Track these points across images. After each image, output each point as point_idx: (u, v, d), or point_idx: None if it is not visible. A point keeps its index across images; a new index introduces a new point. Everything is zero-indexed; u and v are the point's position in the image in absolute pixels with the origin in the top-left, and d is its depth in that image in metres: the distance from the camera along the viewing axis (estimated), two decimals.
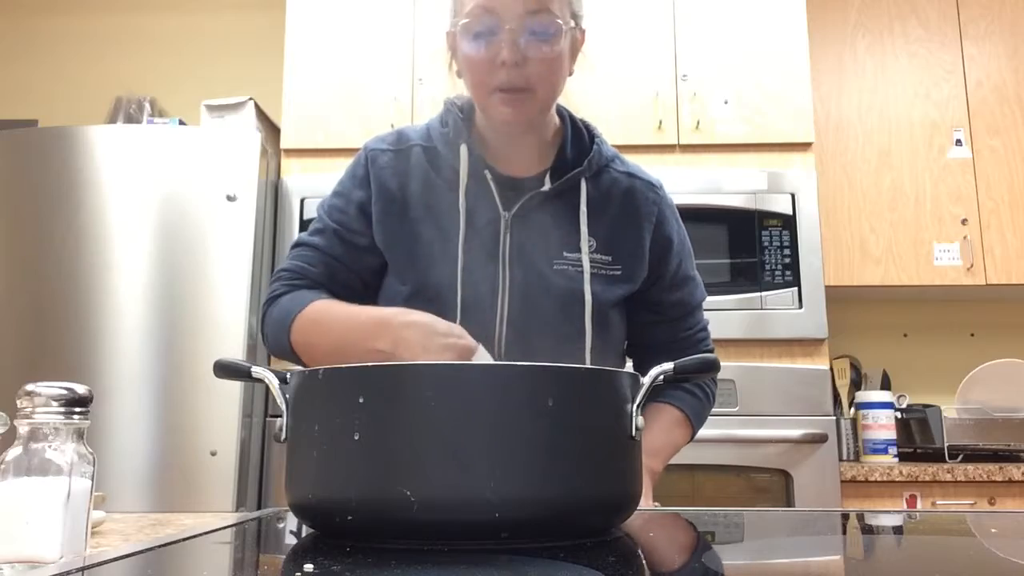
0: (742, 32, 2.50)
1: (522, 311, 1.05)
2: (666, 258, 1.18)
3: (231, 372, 0.69)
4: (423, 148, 1.14)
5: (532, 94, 1.04)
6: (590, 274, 1.08)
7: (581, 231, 1.09)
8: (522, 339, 1.04)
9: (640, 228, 1.14)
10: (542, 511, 0.55)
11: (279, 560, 0.50)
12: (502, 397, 0.55)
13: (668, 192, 1.22)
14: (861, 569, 0.52)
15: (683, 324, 1.25)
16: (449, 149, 1.12)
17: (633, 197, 1.15)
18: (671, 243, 1.18)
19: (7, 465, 0.52)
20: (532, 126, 1.11)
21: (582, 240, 1.08)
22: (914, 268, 2.68)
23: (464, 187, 1.09)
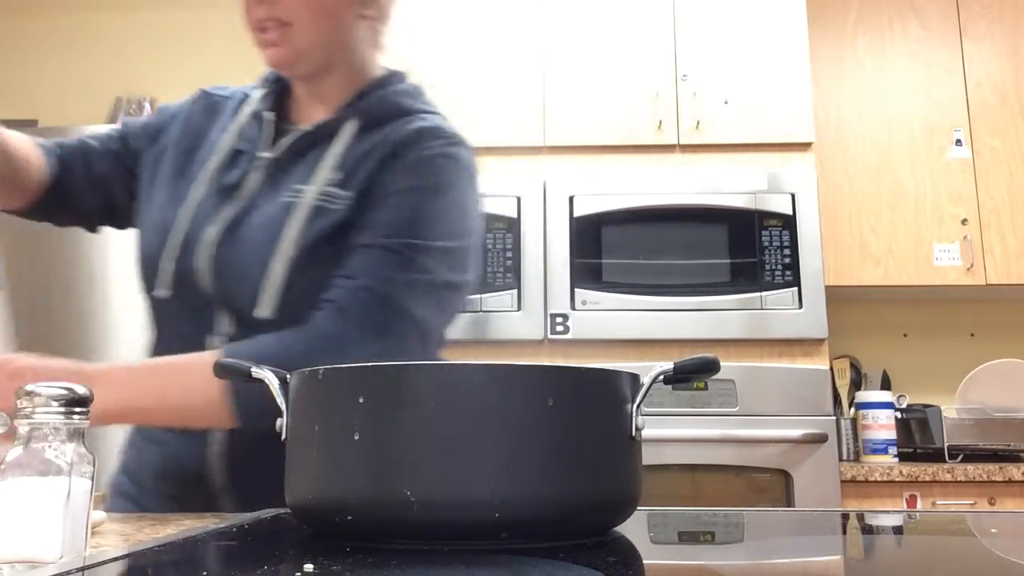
0: (742, 32, 2.50)
1: (228, 242, 0.99)
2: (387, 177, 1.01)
3: (231, 372, 0.69)
4: (240, 96, 1.13)
5: (290, 29, 0.98)
6: (315, 205, 0.98)
7: (322, 164, 1.01)
8: (222, 273, 0.98)
9: (379, 155, 1.02)
10: (542, 511, 0.55)
11: (279, 560, 0.50)
12: (502, 397, 0.55)
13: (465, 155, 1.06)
14: (861, 569, 0.52)
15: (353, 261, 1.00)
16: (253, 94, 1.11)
17: (401, 141, 1.02)
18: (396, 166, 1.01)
19: (7, 465, 0.52)
20: (307, 69, 1.04)
21: (319, 171, 1.00)
22: (914, 268, 2.68)
23: (238, 127, 1.06)
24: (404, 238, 0.97)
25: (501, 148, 2.47)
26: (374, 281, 0.95)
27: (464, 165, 1.05)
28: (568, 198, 2.40)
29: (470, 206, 1.04)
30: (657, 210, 2.39)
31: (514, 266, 2.35)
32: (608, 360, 2.31)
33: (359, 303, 0.94)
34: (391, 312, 0.95)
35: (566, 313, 2.32)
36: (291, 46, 1.00)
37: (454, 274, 1.00)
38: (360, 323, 0.93)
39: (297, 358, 0.87)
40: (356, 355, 0.91)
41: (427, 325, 0.97)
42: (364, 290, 0.94)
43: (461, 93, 2.50)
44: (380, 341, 0.94)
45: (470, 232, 1.04)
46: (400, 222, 0.98)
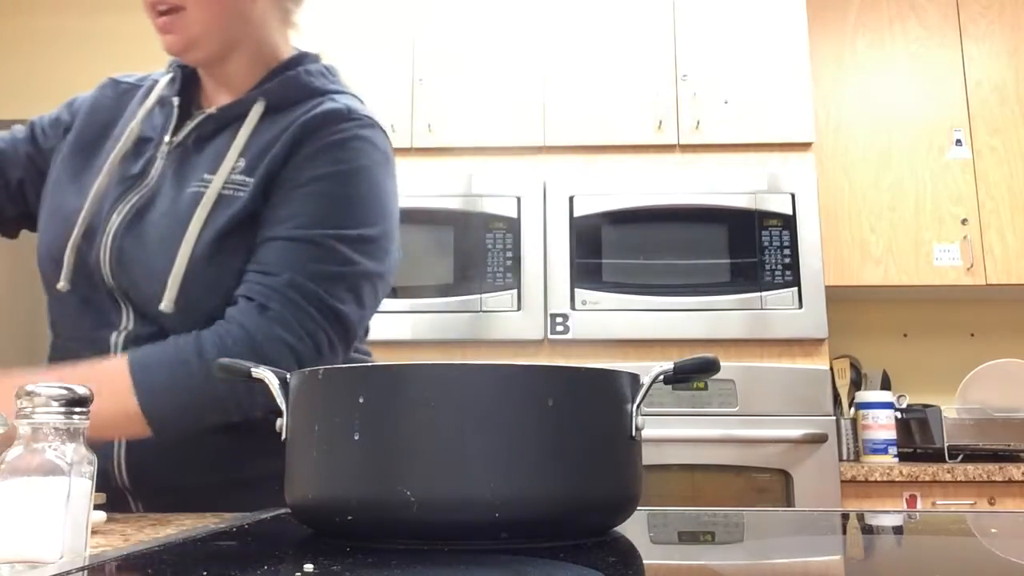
0: (742, 32, 2.50)
1: (132, 233, 0.96)
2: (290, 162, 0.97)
3: (231, 372, 0.69)
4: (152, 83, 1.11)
5: (184, 14, 0.96)
6: (221, 195, 0.95)
7: (230, 150, 0.97)
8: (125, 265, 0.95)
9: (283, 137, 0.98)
10: (542, 511, 0.55)
11: (279, 560, 0.50)
12: (502, 397, 0.55)
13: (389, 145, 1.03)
14: (861, 569, 0.52)
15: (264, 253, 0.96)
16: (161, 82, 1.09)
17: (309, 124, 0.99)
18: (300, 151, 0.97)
19: (7, 465, 0.52)
20: (208, 53, 1.01)
21: (226, 160, 0.97)
22: (914, 268, 2.68)
23: (143, 113, 1.04)
24: (322, 228, 0.94)
25: (501, 148, 2.47)
26: (296, 276, 0.91)
27: (378, 147, 1.01)
28: (568, 198, 2.40)
29: (387, 190, 1.00)
30: (657, 210, 2.39)
31: (514, 266, 2.35)
32: (608, 360, 2.31)
33: (281, 300, 0.90)
34: (315, 309, 0.91)
35: (566, 313, 2.32)
36: (185, 32, 0.98)
37: (375, 263, 0.97)
38: (283, 322, 0.90)
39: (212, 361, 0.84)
40: (276, 356, 0.88)
41: (350, 320, 0.95)
42: (286, 286, 0.91)
43: (461, 93, 2.50)
44: (305, 341, 0.91)
45: (389, 216, 1.00)
46: (316, 212, 0.95)
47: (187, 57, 1.02)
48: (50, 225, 1.02)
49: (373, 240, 0.97)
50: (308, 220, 0.94)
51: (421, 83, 2.51)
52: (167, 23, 0.97)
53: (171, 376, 0.87)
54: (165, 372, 0.88)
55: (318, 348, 0.92)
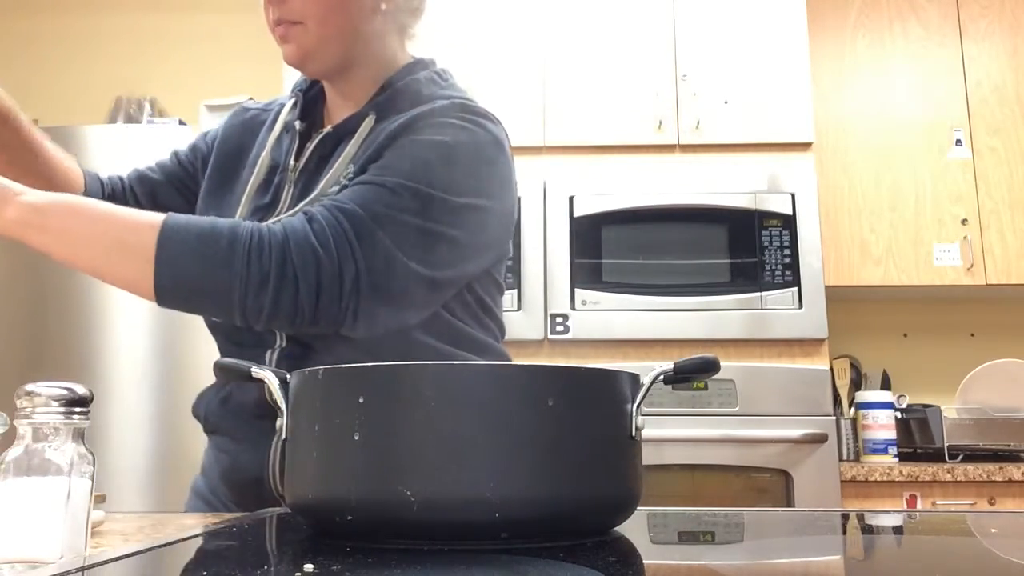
0: (742, 32, 2.50)
1: None
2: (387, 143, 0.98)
3: (231, 372, 0.69)
4: (276, 109, 1.13)
5: (303, 28, 0.98)
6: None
7: (339, 160, 0.99)
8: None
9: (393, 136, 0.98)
10: (542, 511, 0.55)
11: (279, 560, 0.50)
12: (502, 397, 0.55)
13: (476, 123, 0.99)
14: (861, 569, 0.52)
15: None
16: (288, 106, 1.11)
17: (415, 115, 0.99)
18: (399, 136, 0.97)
19: (7, 465, 0.52)
20: (328, 67, 1.02)
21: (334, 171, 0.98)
22: (914, 268, 2.68)
23: (272, 140, 1.06)
24: (404, 179, 0.91)
25: None
26: (354, 206, 0.89)
27: (489, 131, 0.99)
28: (568, 198, 2.40)
29: (486, 170, 0.98)
30: (657, 210, 2.39)
31: (514, 266, 2.35)
32: (608, 360, 2.31)
33: (329, 220, 0.89)
34: (358, 240, 0.88)
35: (566, 313, 2.32)
36: (301, 44, 0.99)
37: (455, 230, 0.93)
38: (321, 236, 0.87)
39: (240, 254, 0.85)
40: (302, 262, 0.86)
41: (402, 270, 0.90)
42: (340, 210, 0.89)
43: None
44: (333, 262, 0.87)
45: (486, 194, 0.97)
46: (403, 165, 0.93)
47: (305, 69, 1.03)
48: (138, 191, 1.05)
49: (452, 207, 0.93)
50: (392, 170, 0.93)
51: None
52: (285, 33, 0.99)
53: (199, 242, 0.86)
54: (194, 236, 0.86)
55: (343, 277, 0.88)
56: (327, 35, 1.00)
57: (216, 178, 1.10)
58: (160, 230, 0.85)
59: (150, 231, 0.85)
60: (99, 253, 0.86)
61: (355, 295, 0.88)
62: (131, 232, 0.86)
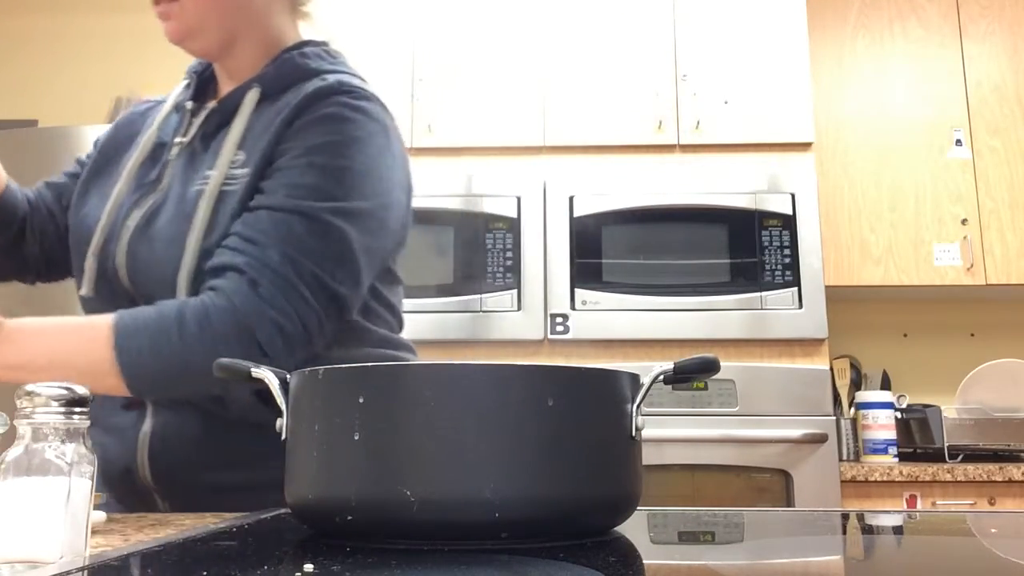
0: (742, 32, 2.50)
1: (143, 239, 0.96)
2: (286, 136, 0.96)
3: (231, 372, 0.69)
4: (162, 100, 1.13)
5: (181, 5, 0.98)
6: (223, 191, 0.94)
7: (226, 144, 0.97)
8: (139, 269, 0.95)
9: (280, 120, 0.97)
10: (542, 511, 0.55)
11: (279, 560, 0.50)
12: (502, 397, 0.55)
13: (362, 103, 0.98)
14: (861, 569, 0.52)
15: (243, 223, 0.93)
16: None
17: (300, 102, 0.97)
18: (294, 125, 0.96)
19: (7, 465, 0.52)
20: (203, 43, 1.01)
21: (223, 154, 0.96)
22: (914, 268, 2.68)
23: (160, 118, 1.05)
24: (316, 200, 0.90)
25: (501, 148, 2.47)
26: (289, 250, 0.88)
27: (375, 118, 0.97)
28: (568, 198, 2.40)
29: (386, 162, 0.97)
30: (657, 210, 2.39)
31: (514, 266, 2.35)
32: (608, 360, 2.31)
33: (273, 278, 0.87)
34: (309, 290, 0.88)
35: (566, 313, 2.32)
36: (181, 21, 0.99)
37: (372, 237, 0.94)
38: (275, 302, 0.87)
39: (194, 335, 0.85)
40: (265, 337, 0.86)
41: (344, 299, 0.92)
42: (280, 263, 0.88)
43: (461, 93, 2.50)
44: (295, 323, 0.88)
45: (388, 189, 0.97)
46: (309, 183, 0.91)
47: (187, 46, 1.02)
48: (75, 235, 1.04)
49: (369, 213, 0.94)
50: (301, 191, 0.91)
51: (421, 83, 2.51)
52: (165, 11, 0.99)
53: (151, 343, 0.86)
54: (145, 338, 0.86)
55: (307, 329, 0.89)
56: (206, 12, 0.99)
57: (99, 161, 1.08)
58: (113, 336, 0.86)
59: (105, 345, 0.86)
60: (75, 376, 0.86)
61: (322, 336, 0.91)
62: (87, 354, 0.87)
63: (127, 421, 0.96)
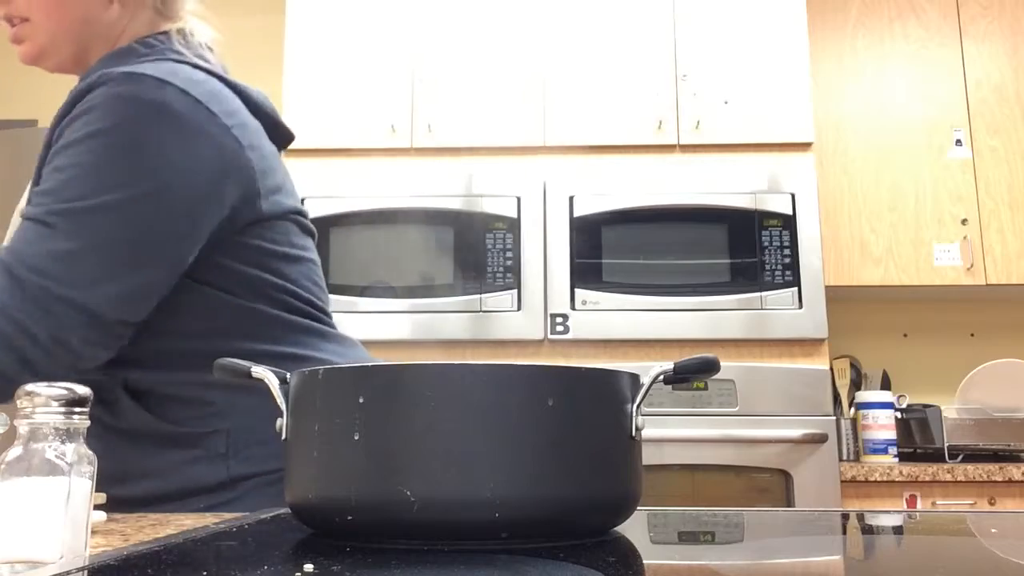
0: (742, 32, 2.50)
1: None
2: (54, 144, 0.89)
3: (230, 372, 0.69)
4: None
5: (32, 24, 0.95)
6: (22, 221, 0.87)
7: (34, 172, 0.91)
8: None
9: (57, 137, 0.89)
10: (542, 511, 0.55)
11: (279, 560, 0.50)
12: (502, 397, 0.55)
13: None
14: (861, 569, 0.52)
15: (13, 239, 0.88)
16: None
17: (66, 103, 0.90)
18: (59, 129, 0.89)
19: (7, 465, 0.52)
20: (57, 60, 0.98)
21: (29, 185, 0.90)
22: (914, 268, 2.68)
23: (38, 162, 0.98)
24: (57, 203, 0.83)
25: (501, 148, 2.47)
26: (17, 267, 0.82)
27: (140, 99, 0.86)
28: (568, 198, 2.40)
29: (147, 146, 0.86)
30: (657, 210, 2.39)
31: (514, 266, 2.35)
32: (608, 360, 2.31)
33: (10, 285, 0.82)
34: (31, 294, 0.82)
35: (566, 313, 2.32)
36: (34, 41, 0.97)
37: (139, 225, 0.85)
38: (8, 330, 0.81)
39: None
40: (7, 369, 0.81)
41: (96, 305, 0.84)
42: (15, 270, 0.82)
43: (461, 93, 2.50)
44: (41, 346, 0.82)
45: (150, 174, 0.86)
46: (55, 187, 0.84)
47: (43, 66, 1.01)
48: None
49: (124, 202, 0.84)
50: (46, 197, 0.84)
51: (421, 83, 2.51)
52: (16, 33, 0.97)
53: None
54: None
55: (66, 347, 0.83)
56: (56, 29, 0.97)
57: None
58: None
59: None
60: None
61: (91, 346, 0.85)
62: None
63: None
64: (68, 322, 0.82)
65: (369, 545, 0.54)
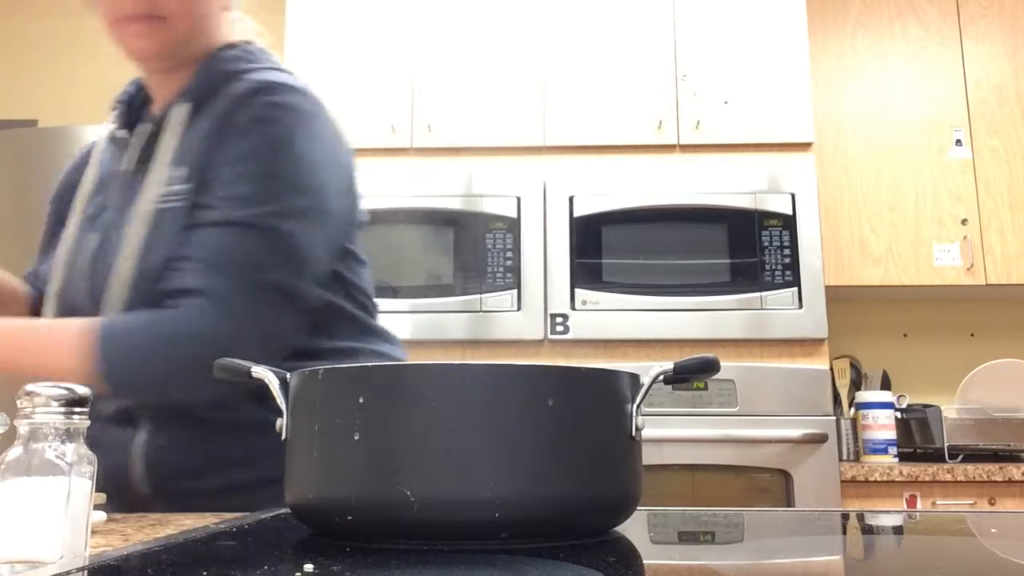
0: (742, 32, 2.50)
1: (95, 272, 0.95)
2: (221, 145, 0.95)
3: (231, 372, 0.69)
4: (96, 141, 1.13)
5: (163, 22, 0.95)
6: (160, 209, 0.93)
7: (156, 163, 0.96)
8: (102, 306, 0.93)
9: (214, 127, 0.96)
10: (542, 511, 0.55)
11: (279, 560, 0.50)
12: (502, 397, 0.55)
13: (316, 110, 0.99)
14: (861, 569, 0.52)
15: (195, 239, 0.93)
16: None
17: (228, 108, 0.96)
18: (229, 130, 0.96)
19: (7, 465, 0.52)
20: (170, 61, 1.00)
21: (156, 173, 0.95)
22: (914, 268, 2.68)
23: (101, 149, 1.03)
24: (260, 207, 0.90)
25: (501, 148, 2.47)
26: (243, 264, 0.89)
27: (304, 112, 0.95)
28: (568, 198, 2.40)
29: (316, 153, 0.96)
30: (657, 210, 2.39)
31: (514, 266, 2.35)
32: (608, 360, 2.31)
33: (235, 294, 0.87)
34: (269, 296, 0.89)
35: (566, 313, 2.32)
36: (165, 38, 0.97)
37: (319, 229, 0.94)
38: (242, 316, 0.87)
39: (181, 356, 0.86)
40: (244, 350, 0.83)
41: (308, 297, 0.94)
42: (237, 277, 0.88)
43: (461, 93, 2.50)
44: (272, 336, 0.90)
45: (322, 181, 0.96)
46: (249, 192, 0.91)
47: (151, 63, 1.01)
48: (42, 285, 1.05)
49: (309, 207, 0.93)
50: (240, 202, 0.90)
51: (421, 83, 2.51)
52: (144, 29, 0.96)
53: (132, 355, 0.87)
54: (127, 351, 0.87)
55: (282, 336, 0.92)
56: (188, 29, 0.98)
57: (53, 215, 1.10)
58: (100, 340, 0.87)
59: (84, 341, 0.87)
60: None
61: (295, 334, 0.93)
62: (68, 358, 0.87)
63: (119, 436, 0.95)
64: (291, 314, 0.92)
65: (369, 545, 0.54)
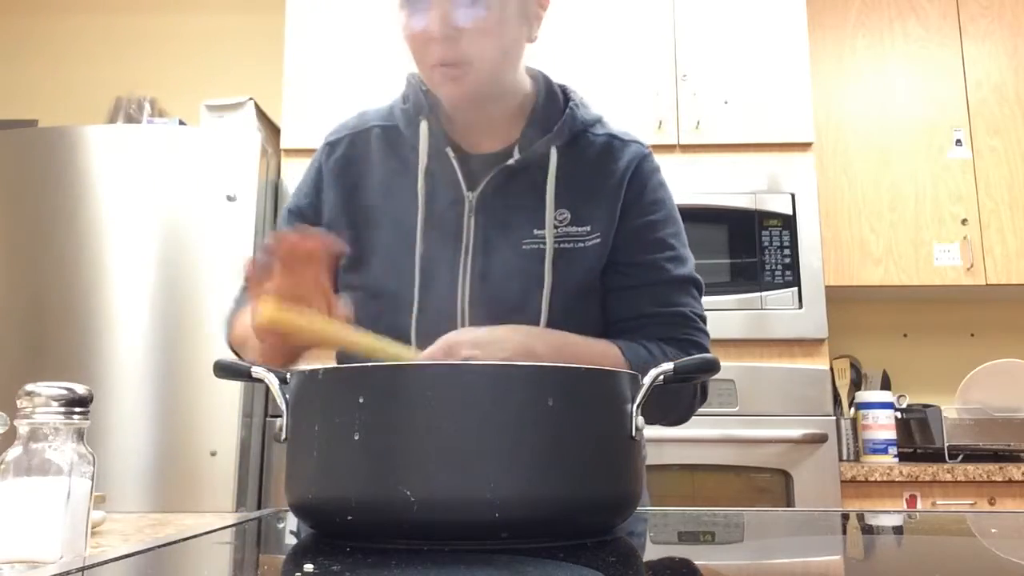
0: (742, 32, 2.50)
1: (483, 301, 0.98)
2: (635, 210, 1.06)
3: (231, 372, 0.69)
4: (382, 128, 1.09)
5: (470, 68, 0.96)
6: (559, 249, 1.00)
7: (547, 204, 1.01)
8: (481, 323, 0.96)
9: (613, 186, 1.05)
10: (542, 511, 0.55)
11: (279, 560, 0.50)
12: (502, 397, 0.55)
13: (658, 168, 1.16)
14: (861, 569, 0.52)
15: (654, 296, 1.07)
16: (409, 127, 1.07)
17: (609, 155, 1.08)
18: (641, 198, 1.08)
19: (7, 465, 0.52)
20: (484, 99, 1.02)
21: (547, 214, 1.00)
22: (914, 268, 2.68)
23: (424, 168, 1.02)
24: (691, 262, 1.12)
25: None
26: (696, 316, 1.11)
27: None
28: None
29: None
30: None
31: None
32: None
33: (702, 337, 1.10)
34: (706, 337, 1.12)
35: None
36: (473, 82, 0.97)
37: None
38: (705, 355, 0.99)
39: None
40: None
41: None
42: (701, 328, 1.11)
43: None
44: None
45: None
46: (682, 249, 1.10)
47: (467, 106, 1.02)
48: (372, 293, 1.01)
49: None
50: (680, 258, 1.10)
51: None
52: (454, 74, 0.97)
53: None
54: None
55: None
56: (496, 72, 0.99)
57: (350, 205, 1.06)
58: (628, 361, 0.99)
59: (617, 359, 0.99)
60: None
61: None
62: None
63: None
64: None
65: (369, 545, 0.54)
